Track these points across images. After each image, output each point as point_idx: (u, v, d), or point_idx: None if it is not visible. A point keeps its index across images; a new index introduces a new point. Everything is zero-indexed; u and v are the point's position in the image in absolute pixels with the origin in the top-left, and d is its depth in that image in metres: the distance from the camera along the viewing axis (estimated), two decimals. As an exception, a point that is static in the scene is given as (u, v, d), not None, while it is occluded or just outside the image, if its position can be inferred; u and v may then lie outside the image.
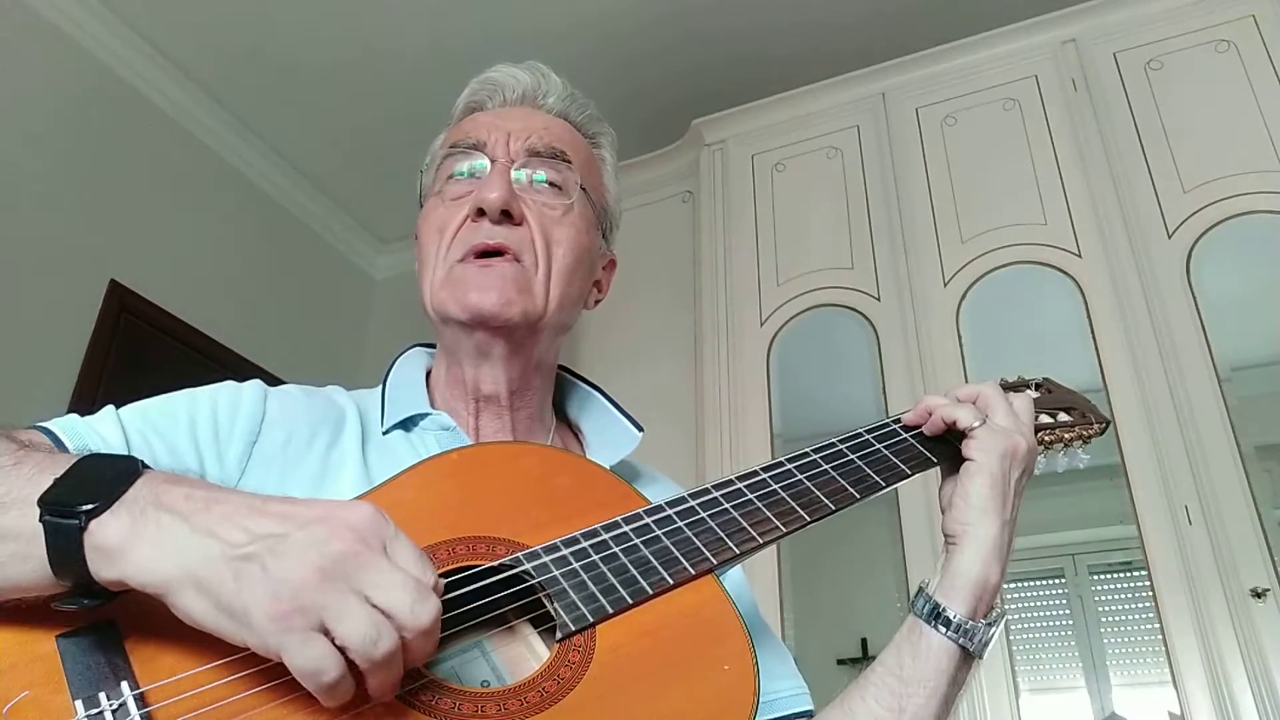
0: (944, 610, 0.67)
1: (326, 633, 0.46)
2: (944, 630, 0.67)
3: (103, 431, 0.67)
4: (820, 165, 2.66)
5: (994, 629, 0.68)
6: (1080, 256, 2.23)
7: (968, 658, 0.68)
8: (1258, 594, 1.77)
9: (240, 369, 3.00)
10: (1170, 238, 2.14)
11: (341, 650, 0.46)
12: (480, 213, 0.78)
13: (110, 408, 0.71)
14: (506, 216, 0.78)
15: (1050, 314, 2.38)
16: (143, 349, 2.76)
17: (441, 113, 0.93)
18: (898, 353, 2.32)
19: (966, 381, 2.18)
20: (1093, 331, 2.14)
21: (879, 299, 2.41)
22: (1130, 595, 2.67)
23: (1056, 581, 2.79)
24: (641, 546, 0.63)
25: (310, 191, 3.50)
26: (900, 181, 2.51)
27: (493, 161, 0.81)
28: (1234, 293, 2.24)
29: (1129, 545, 2.04)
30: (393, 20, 2.83)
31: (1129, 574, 2.65)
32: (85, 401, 2.53)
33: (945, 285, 2.34)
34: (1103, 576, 2.76)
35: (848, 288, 2.47)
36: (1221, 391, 1.95)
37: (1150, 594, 1.88)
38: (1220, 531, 1.84)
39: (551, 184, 0.83)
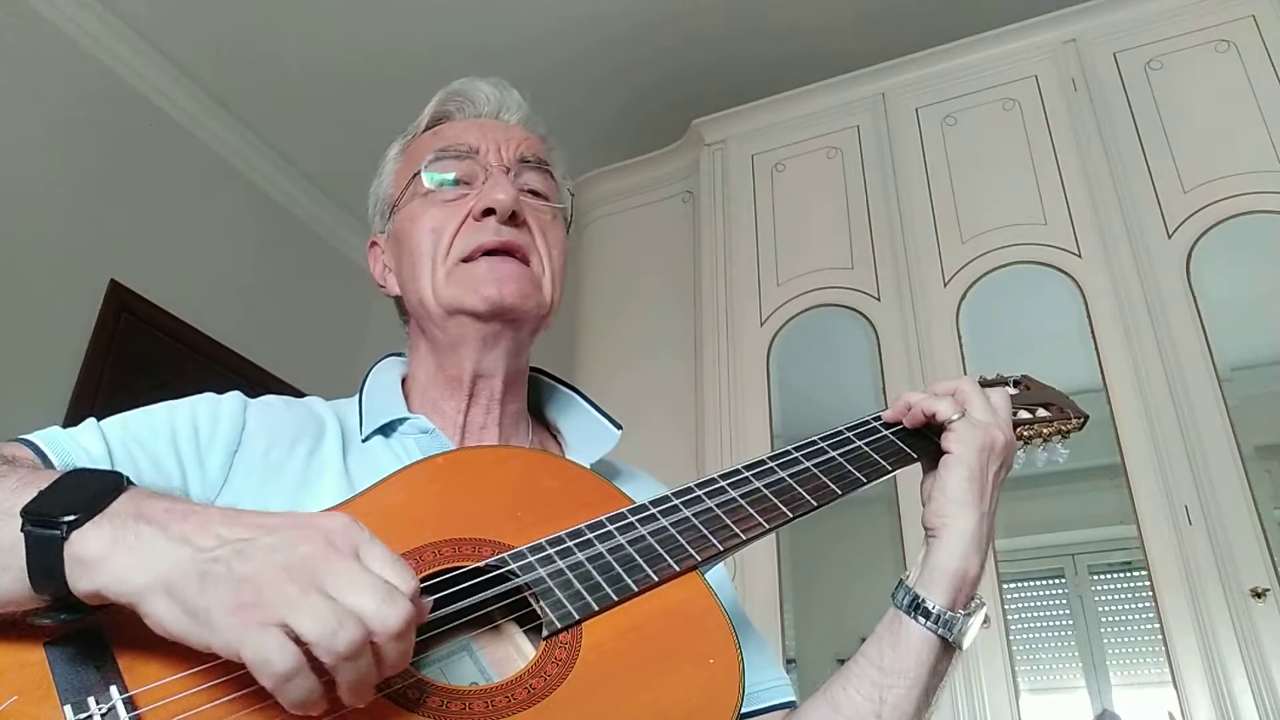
0: (923, 601, 0.68)
1: (289, 631, 0.45)
2: (923, 621, 0.68)
3: (85, 443, 0.67)
4: (820, 165, 2.66)
5: (973, 619, 0.69)
6: (1080, 256, 2.23)
7: (948, 648, 0.69)
8: (1258, 594, 1.77)
9: (240, 369, 3.00)
10: (1170, 238, 2.14)
11: (307, 650, 0.45)
12: (485, 214, 0.80)
13: (92, 420, 0.71)
14: (511, 218, 0.81)
15: (1050, 314, 2.38)
16: (143, 349, 2.75)
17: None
18: (898, 353, 2.32)
19: (966, 381, 2.18)
20: (1093, 331, 2.14)
21: (879, 299, 2.41)
22: (1130, 595, 2.67)
23: (1056, 581, 2.79)
24: (626, 545, 0.64)
25: (311, 192, 3.50)
26: (900, 181, 2.51)
27: (489, 166, 0.83)
28: (1234, 293, 2.24)
29: (1129, 545, 2.04)
30: (393, 22, 2.83)
31: (1129, 574, 2.65)
32: (85, 402, 2.53)
33: (945, 285, 2.34)
34: (1103, 576, 2.75)
35: (848, 288, 2.47)
36: (1221, 391, 1.95)
37: (1150, 594, 1.88)
38: (1220, 531, 1.84)
39: (540, 192, 0.87)
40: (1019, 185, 2.36)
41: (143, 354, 2.75)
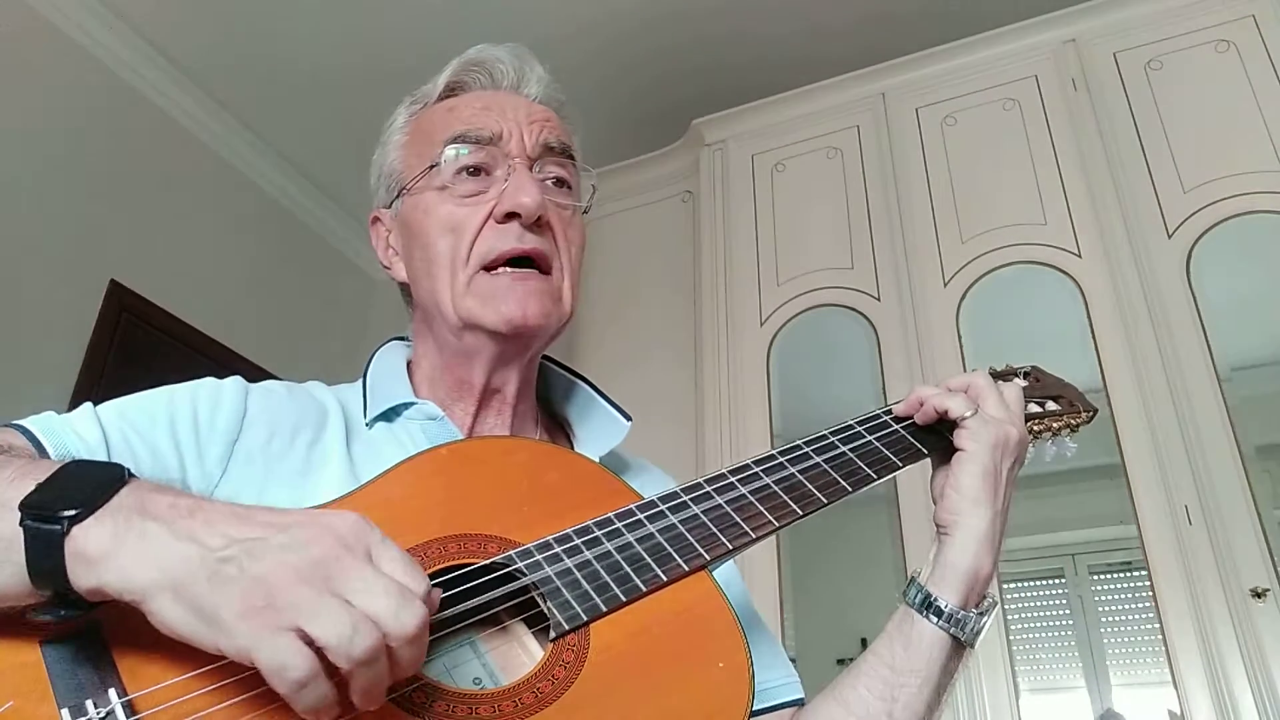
0: (935, 600, 0.68)
1: (304, 636, 0.44)
2: (935, 620, 0.67)
3: (81, 430, 0.65)
4: (820, 165, 2.66)
5: (985, 618, 0.69)
6: (1080, 256, 2.23)
7: (959, 647, 0.68)
8: (1258, 594, 1.77)
9: (240, 369, 2.99)
10: (1170, 238, 2.14)
11: (321, 653, 0.44)
12: (508, 216, 0.76)
13: (88, 405, 0.69)
14: (534, 221, 0.77)
15: (1050, 314, 2.38)
16: (143, 349, 2.75)
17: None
18: (898, 353, 2.32)
19: (966, 381, 2.19)
20: (1093, 331, 2.14)
21: (879, 299, 2.41)
22: (1130, 595, 2.67)
23: (1056, 581, 2.79)
24: (635, 543, 0.63)
25: (310, 191, 3.50)
26: (900, 181, 2.51)
27: (511, 158, 0.78)
28: (1234, 293, 2.24)
29: (1129, 545, 2.04)
30: (393, 22, 2.83)
31: (1129, 574, 2.65)
32: (85, 402, 2.52)
33: (945, 285, 2.34)
34: (1103, 576, 2.75)
35: (848, 288, 2.47)
36: (1221, 391, 1.95)
37: (1150, 594, 1.88)
38: (1220, 531, 1.84)
39: (563, 183, 0.82)
40: (1019, 185, 2.36)
41: (143, 354, 2.74)
